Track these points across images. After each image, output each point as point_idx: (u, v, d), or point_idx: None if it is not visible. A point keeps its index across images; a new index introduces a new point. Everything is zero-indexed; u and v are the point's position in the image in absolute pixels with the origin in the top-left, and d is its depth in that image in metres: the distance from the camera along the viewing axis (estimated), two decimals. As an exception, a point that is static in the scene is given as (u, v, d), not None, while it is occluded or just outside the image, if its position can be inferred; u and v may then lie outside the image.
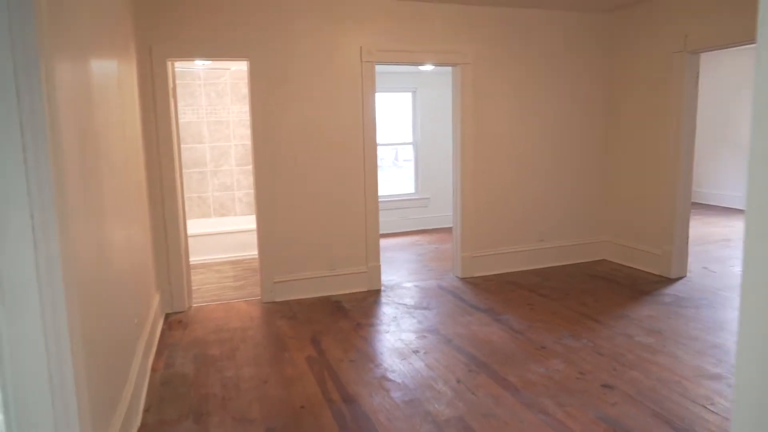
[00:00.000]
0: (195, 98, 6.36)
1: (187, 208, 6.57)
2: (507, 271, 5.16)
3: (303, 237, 4.52)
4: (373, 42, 4.44)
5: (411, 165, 7.64)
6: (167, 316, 4.19)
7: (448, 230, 7.18)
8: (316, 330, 3.82)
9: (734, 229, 6.84)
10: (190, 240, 5.79)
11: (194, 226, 6.27)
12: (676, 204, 4.70)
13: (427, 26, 4.62)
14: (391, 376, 3.06)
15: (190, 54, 4.02)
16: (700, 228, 6.72)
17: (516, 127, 5.05)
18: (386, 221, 7.18)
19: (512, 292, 4.52)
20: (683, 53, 4.53)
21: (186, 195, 6.50)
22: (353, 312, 4.18)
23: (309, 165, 4.45)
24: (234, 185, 6.68)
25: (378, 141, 4.66)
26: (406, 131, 7.53)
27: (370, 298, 4.53)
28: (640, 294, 4.36)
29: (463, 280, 4.94)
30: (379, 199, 4.73)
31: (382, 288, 4.77)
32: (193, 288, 4.87)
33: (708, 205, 8.54)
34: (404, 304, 4.33)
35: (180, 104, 6.30)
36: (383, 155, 9.59)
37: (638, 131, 5.04)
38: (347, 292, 4.68)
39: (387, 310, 4.20)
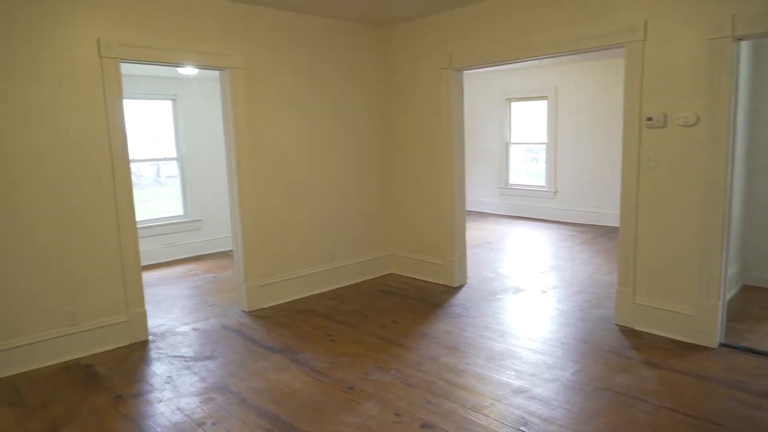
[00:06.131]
0: None
1: None
2: (299, 297, 4.71)
3: (26, 284, 3.35)
4: (115, 34, 3.53)
5: (176, 182, 6.64)
6: None
7: (227, 255, 6.43)
8: (57, 417, 2.79)
9: (491, 231, 7.62)
10: None
11: None
12: (454, 214, 4.87)
13: (189, 22, 3.89)
14: (170, 469, 2.32)
15: None
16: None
17: (297, 141, 4.65)
18: (149, 250, 6.09)
19: (308, 323, 4.09)
20: (449, 70, 4.71)
21: None
22: (111, 379, 3.23)
23: (30, 185, 3.31)
24: None
25: (136, 156, 3.74)
26: (169, 145, 6.51)
27: (135, 354, 3.60)
28: (433, 307, 4.36)
29: (251, 314, 4.32)
30: (141, 225, 3.83)
31: (150, 338, 3.86)
32: None
33: (466, 210, 9.45)
34: (181, 357, 3.53)
35: None
36: (143, 172, 8.29)
37: (415, 144, 5.12)
38: (102, 350, 3.64)
39: (159, 369, 3.35)
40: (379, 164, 5.31)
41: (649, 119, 3.50)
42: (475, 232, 7.45)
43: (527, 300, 4.48)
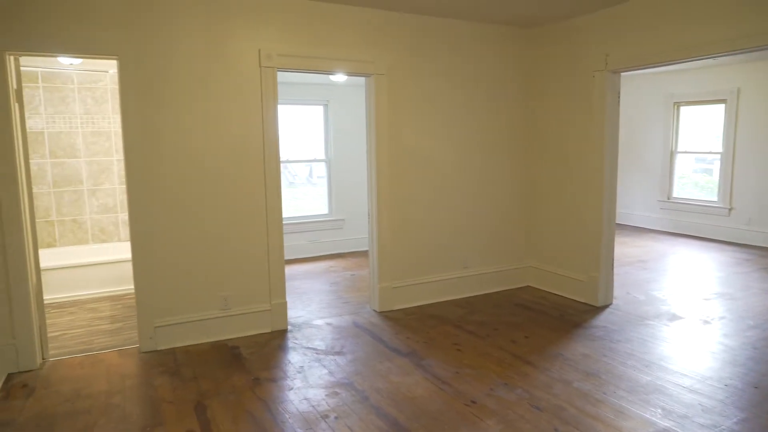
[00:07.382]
0: (67, 105, 5.40)
1: (58, 234, 5.59)
2: (429, 302, 4.70)
3: (190, 269, 3.78)
4: (274, 45, 3.84)
5: (324, 183, 7.05)
6: (9, 378, 3.29)
7: (366, 254, 6.66)
8: (204, 390, 3.10)
9: (647, 249, 6.88)
10: (58, 273, 4.91)
11: (65, 255, 5.30)
12: (601, 228, 4.47)
13: (337, 31, 4.09)
14: (292, 456, 2.44)
15: (38, 48, 3.19)
16: (615, 248, 6.67)
17: (435, 146, 4.64)
18: (296, 245, 6.55)
19: (435, 329, 4.05)
20: (604, 72, 4.34)
21: (56, 218, 5.52)
22: (252, 361, 3.51)
23: (197, 182, 3.74)
24: (117, 206, 5.75)
25: (291, 157, 4.03)
26: (319, 147, 6.95)
27: (274, 341, 3.87)
28: (571, 327, 4.04)
29: (382, 314, 4.41)
30: (290, 221, 4.12)
31: (289, 328, 4.13)
32: (53, 335, 3.97)
33: (618, 224, 8.66)
34: (313, 349, 3.71)
35: (48, 111, 5.33)
36: (297, 172, 8.98)
37: (561, 152, 4.80)
38: (247, 334, 3.98)
39: (293, 358, 3.57)
40: (520, 171, 5.08)
41: None
42: (627, 249, 6.80)
43: (684, 330, 3.95)
